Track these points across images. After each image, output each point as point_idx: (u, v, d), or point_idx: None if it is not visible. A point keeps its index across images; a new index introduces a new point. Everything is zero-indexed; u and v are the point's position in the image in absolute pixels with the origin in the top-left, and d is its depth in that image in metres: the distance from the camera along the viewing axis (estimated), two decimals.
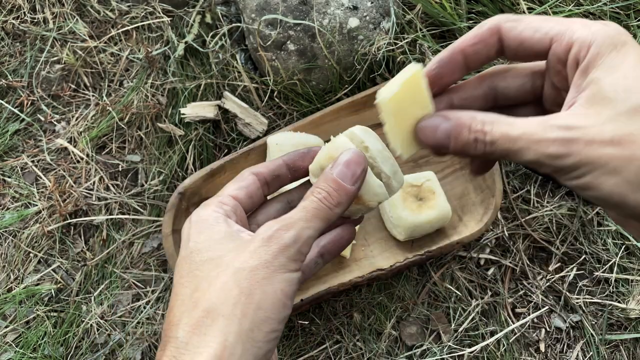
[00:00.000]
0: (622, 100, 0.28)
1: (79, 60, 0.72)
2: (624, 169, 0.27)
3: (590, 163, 0.28)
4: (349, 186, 0.34)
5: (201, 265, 0.34)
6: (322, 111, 0.65)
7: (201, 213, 0.37)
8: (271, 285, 0.32)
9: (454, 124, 0.32)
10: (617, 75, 0.29)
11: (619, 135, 0.27)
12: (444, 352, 0.65)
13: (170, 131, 0.69)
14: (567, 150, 0.28)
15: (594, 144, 0.28)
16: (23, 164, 0.71)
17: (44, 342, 0.65)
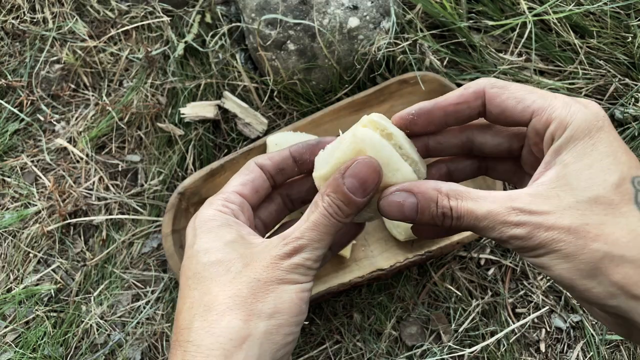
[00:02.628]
0: (583, 190, 0.30)
1: (79, 60, 0.72)
2: (576, 258, 0.29)
3: (547, 246, 0.29)
4: (360, 199, 0.33)
5: (209, 267, 0.34)
6: (322, 111, 0.65)
7: (207, 212, 0.36)
8: (286, 293, 0.33)
9: (421, 199, 0.33)
10: (584, 162, 0.30)
11: (575, 224, 0.29)
12: (444, 352, 0.65)
13: (170, 131, 0.69)
14: (528, 233, 0.30)
15: (552, 230, 0.29)
16: (23, 164, 0.70)
17: (43, 342, 0.64)
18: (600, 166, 0.30)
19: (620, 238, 0.29)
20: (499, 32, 0.73)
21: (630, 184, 0.30)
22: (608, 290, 0.29)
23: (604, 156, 0.30)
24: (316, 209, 0.34)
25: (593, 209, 0.29)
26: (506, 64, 0.71)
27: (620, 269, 0.28)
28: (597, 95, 0.73)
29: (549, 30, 0.74)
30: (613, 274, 0.28)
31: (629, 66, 0.73)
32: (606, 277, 0.29)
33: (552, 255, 0.30)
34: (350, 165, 0.33)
